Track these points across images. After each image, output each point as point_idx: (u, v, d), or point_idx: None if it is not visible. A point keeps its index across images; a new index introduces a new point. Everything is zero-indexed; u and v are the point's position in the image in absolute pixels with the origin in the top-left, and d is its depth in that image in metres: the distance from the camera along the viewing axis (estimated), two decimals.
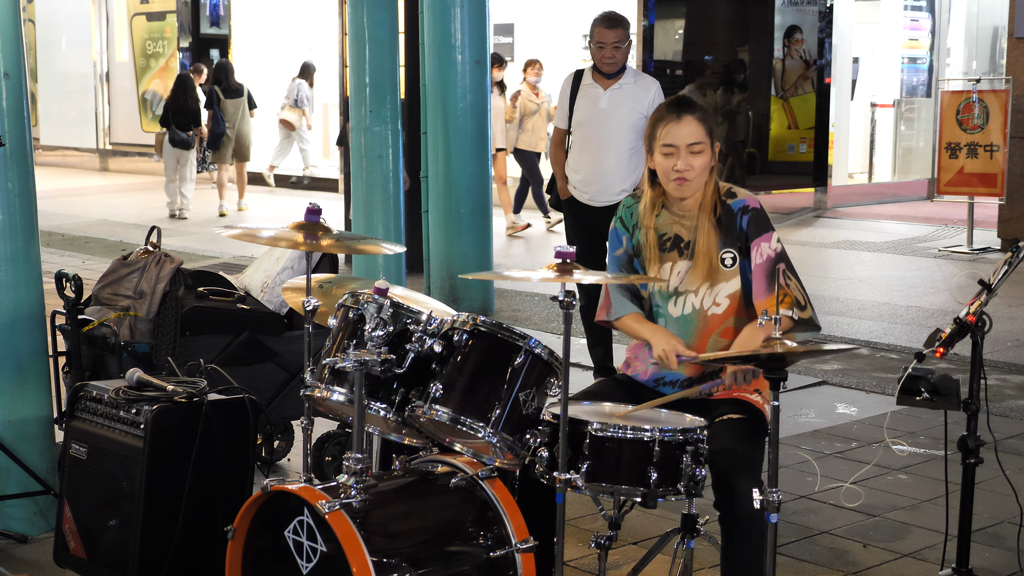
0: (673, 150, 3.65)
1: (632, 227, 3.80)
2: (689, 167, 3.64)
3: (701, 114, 3.69)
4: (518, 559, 3.30)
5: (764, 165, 15.01)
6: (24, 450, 4.50)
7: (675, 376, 3.70)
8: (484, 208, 8.83)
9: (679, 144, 3.64)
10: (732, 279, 3.69)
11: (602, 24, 6.50)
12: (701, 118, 3.68)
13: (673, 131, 3.65)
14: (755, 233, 3.67)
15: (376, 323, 3.35)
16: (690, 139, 3.64)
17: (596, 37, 6.50)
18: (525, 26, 16.48)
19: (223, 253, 11.56)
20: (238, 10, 19.44)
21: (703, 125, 3.67)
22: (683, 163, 3.64)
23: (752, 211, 3.68)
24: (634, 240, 3.79)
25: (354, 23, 8.03)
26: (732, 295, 3.69)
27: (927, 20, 17.09)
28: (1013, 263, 3.74)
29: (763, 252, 3.65)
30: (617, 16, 6.54)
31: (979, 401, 3.66)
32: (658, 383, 3.74)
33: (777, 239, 3.69)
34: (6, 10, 4.47)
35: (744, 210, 3.68)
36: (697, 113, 3.68)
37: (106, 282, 4.90)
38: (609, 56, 6.46)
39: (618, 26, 6.48)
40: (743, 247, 3.68)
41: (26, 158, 4.53)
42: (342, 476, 3.28)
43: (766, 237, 3.67)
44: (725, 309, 3.69)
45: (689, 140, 3.64)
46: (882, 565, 4.40)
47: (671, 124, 3.66)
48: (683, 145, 3.64)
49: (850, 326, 8.45)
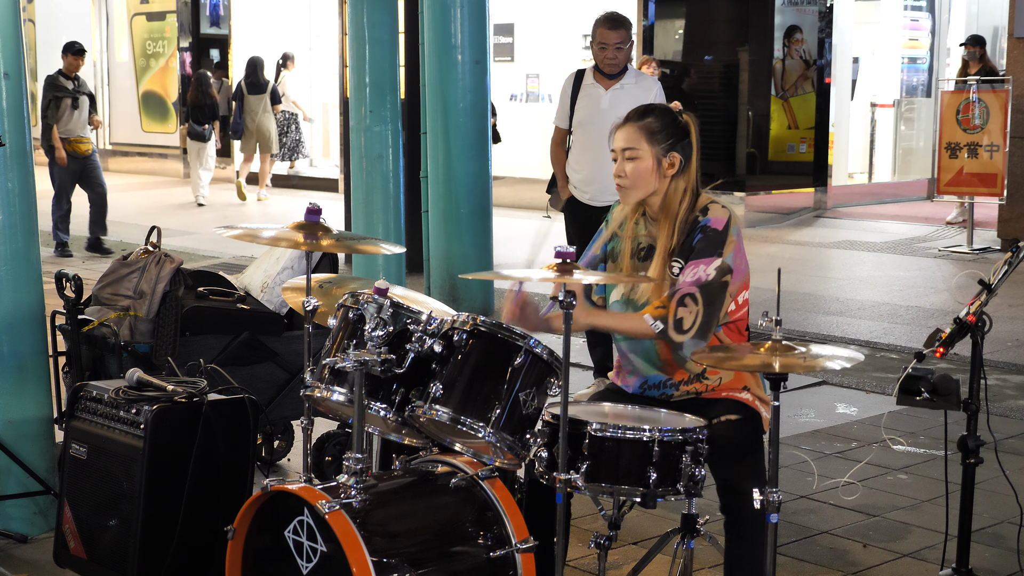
0: (615, 154, 3.72)
1: (612, 232, 3.80)
2: (622, 173, 3.67)
3: (643, 122, 3.66)
4: (518, 559, 3.30)
5: (764, 165, 14.99)
6: (24, 450, 4.50)
7: (658, 378, 3.68)
8: (484, 208, 8.82)
9: (616, 148, 3.70)
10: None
11: (604, 25, 6.51)
12: (640, 127, 3.65)
13: (615, 137, 3.72)
14: (699, 254, 3.56)
15: (376, 323, 3.35)
16: (623, 144, 3.67)
17: (598, 38, 6.51)
18: (525, 26, 16.47)
19: (223, 253, 11.56)
20: (238, 10, 19.43)
21: (640, 132, 3.65)
22: (618, 167, 3.68)
23: (707, 231, 3.58)
24: (609, 247, 3.79)
25: (354, 23, 8.03)
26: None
27: (927, 20, 17.08)
28: (1013, 263, 3.74)
29: (696, 273, 3.54)
30: (619, 17, 6.55)
31: (979, 401, 3.66)
32: (643, 387, 3.72)
33: (717, 266, 3.55)
34: (6, 10, 4.47)
35: (702, 228, 3.59)
36: (640, 120, 3.67)
37: (106, 282, 4.90)
38: (611, 57, 6.47)
39: (620, 27, 6.49)
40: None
41: (26, 158, 4.53)
42: (342, 476, 3.28)
43: (706, 260, 3.55)
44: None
45: (623, 145, 3.67)
46: (882, 565, 4.40)
47: (617, 131, 3.73)
48: (618, 150, 3.69)
49: (850, 326, 8.45)
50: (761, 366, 3.05)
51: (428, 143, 8.83)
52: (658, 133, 3.65)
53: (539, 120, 15.48)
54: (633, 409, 3.49)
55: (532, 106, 16.36)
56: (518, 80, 16.51)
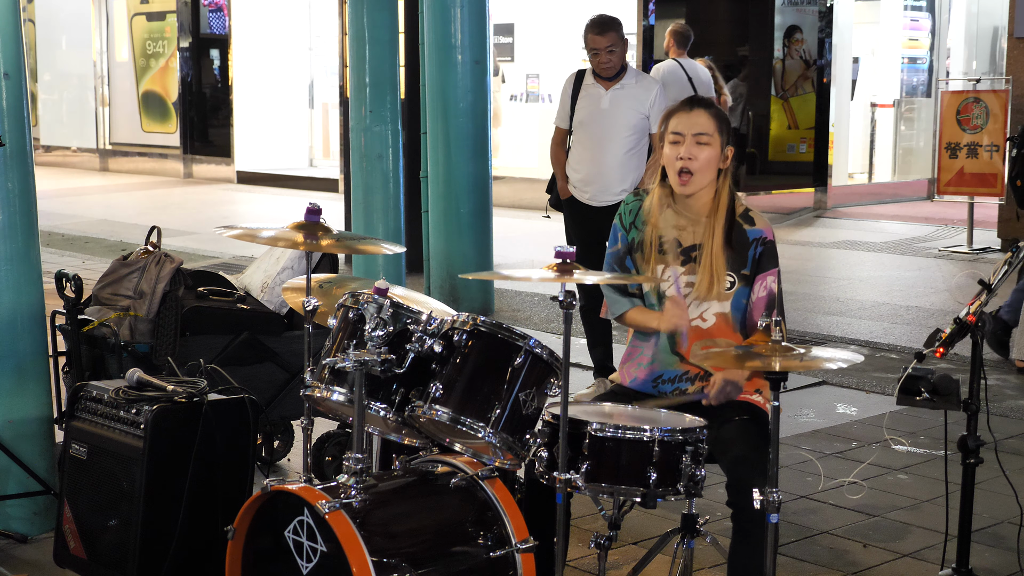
0: (679, 138, 3.66)
1: (630, 225, 3.80)
2: (692, 156, 3.63)
3: (714, 110, 3.71)
4: (518, 559, 3.30)
5: (764, 165, 14.99)
6: (24, 450, 4.50)
7: (674, 372, 3.70)
8: (484, 208, 8.83)
9: (685, 132, 3.66)
10: (724, 301, 3.68)
11: (592, 31, 6.44)
12: (713, 113, 3.69)
13: (683, 120, 3.68)
14: (764, 267, 3.68)
15: (376, 323, 3.35)
16: (696, 128, 3.65)
17: (589, 44, 6.46)
18: (525, 26, 16.46)
19: (223, 253, 11.56)
20: (238, 10, 19.43)
21: (713, 120, 3.67)
22: (686, 151, 3.64)
23: (766, 244, 3.69)
24: (630, 237, 3.79)
25: (354, 23, 8.03)
26: (721, 315, 3.69)
27: (927, 20, 17.08)
28: (1013, 263, 3.74)
29: (767, 286, 3.67)
30: (606, 19, 6.45)
31: (979, 401, 3.66)
32: (657, 382, 3.74)
33: (776, 276, 3.71)
34: (6, 10, 4.47)
35: (760, 241, 3.68)
36: (710, 109, 3.70)
37: (106, 282, 4.90)
38: (604, 61, 6.42)
39: (609, 30, 6.41)
40: (749, 277, 3.68)
41: (26, 158, 4.53)
42: (342, 476, 3.28)
43: (772, 272, 3.69)
44: (711, 326, 3.69)
45: (696, 129, 3.65)
46: (882, 565, 4.40)
47: (682, 114, 3.70)
48: (689, 133, 3.65)
49: (850, 326, 8.45)
50: (761, 367, 3.06)
51: (428, 143, 8.83)
52: (724, 124, 3.70)
53: (539, 120, 15.48)
54: (633, 409, 3.49)
55: (532, 106, 16.35)
56: (518, 80, 16.49)
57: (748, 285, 3.68)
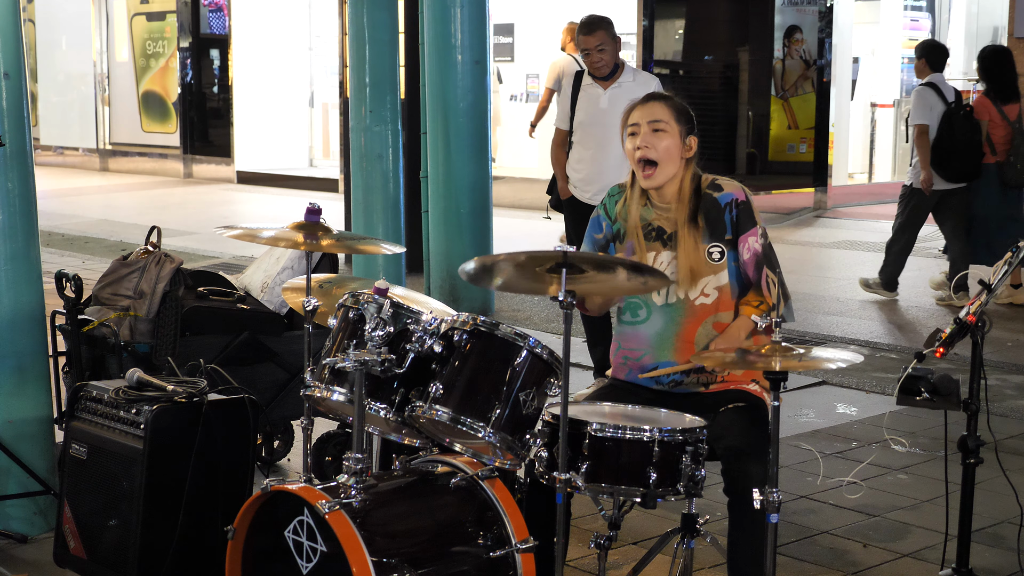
0: (636, 129, 3.71)
1: (615, 216, 3.83)
2: (650, 145, 3.67)
3: (671, 101, 3.76)
4: (518, 559, 3.30)
5: (764, 165, 14.99)
6: (24, 450, 4.50)
7: (670, 363, 3.71)
8: (484, 208, 8.83)
9: (641, 122, 3.71)
10: (720, 272, 3.71)
11: (581, 31, 6.44)
12: (670, 104, 3.74)
13: (639, 111, 3.74)
14: (743, 228, 3.71)
15: (376, 323, 3.35)
16: (651, 116, 3.70)
17: (580, 45, 6.46)
18: (525, 26, 16.47)
19: (223, 253, 11.56)
20: (238, 10, 19.43)
21: (669, 109, 3.72)
22: (643, 140, 3.68)
23: (740, 205, 3.73)
24: (615, 228, 3.81)
25: (354, 23, 8.03)
26: (721, 287, 3.71)
27: (927, 20, 17.09)
28: (1013, 263, 3.74)
29: (750, 247, 3.71)
30: (594, 19, 6.43)
31: (979, 401, 3.66)
32: (648, 372, 3.74)
33: (762, 232, 3.74)
34: (6, 10, 4.47)
35: (733, 204, 3.72)
36: (667, 100, 3.75)
37: (106, 282, 4.90)
38: (596, 60, 6.41)
39: (597, 29, 6.39)
40: (733, 240, 3.71)
41: (26, 158, 4.53)
42: (342, 476, 3.28)
43: (752, 232, 3.71)
44: (714, 300, 3.71)
45: (651, 117, 3.70)
46: (882, 565, 4.40)
47: (638, 107, 3.76)
48: (644, 122, 3.70)
49: (850, 326, 8.45)
50: (762, 366, 3.06)
51: (428, 143, 8.83)
52: (682, 114, 3.74)
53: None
54: (633, 409, 3.50)
55: (532, 106, 16.35)
56: (518, 80, 16.50)
57: (735, 250, 3.72)
